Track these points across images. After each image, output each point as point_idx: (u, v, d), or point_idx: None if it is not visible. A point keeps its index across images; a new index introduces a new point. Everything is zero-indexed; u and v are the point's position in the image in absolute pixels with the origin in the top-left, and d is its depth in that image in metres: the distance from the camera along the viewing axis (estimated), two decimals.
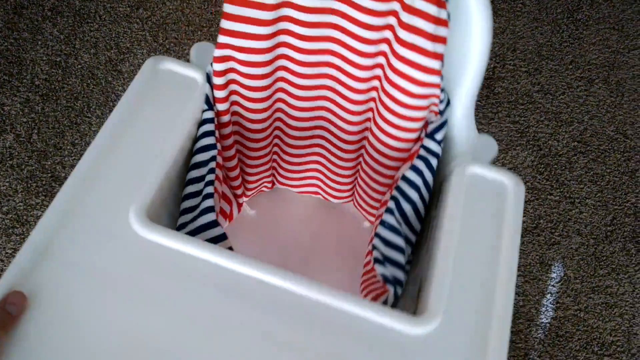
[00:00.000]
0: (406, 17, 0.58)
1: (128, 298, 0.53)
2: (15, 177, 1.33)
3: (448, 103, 0.64)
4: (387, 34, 0.62)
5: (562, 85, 1.44)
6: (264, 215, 0.91)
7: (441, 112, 0.63)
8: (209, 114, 0.66)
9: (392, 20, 0.60)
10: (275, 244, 0.88)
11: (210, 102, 0.66)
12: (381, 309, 0.53)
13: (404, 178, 0.64)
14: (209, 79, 0.66)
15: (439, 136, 0.64)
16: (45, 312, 0.52)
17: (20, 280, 0.52)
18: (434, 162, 0.64)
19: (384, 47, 0.63)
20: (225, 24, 0.62)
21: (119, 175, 0.59)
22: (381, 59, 0.64)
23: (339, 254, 0.89)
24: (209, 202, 0.61)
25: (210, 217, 0.60)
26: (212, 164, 0.64)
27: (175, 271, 0.54)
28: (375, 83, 0.67)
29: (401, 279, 0.62)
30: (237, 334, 0.52)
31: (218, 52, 0.64)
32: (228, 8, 0.61)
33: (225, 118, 0.69)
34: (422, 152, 0.64)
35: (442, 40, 0.58)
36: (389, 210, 0.63)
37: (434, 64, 0.59)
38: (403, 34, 0.59)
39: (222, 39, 0.63)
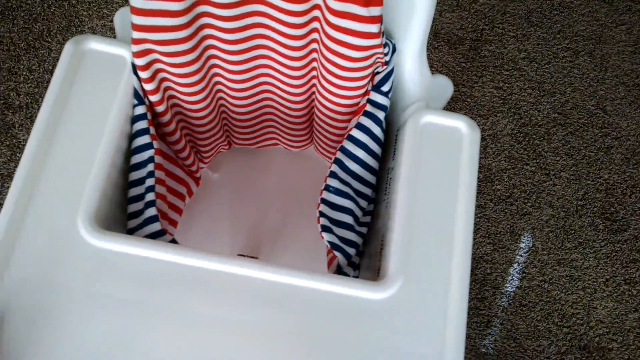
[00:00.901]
0: None
1: (93, 308, 0.52)
2: None
3: (394, 50, 0.62)
4: (318, 0, 0.58)
5: (549, 54, 1.42)
6: (229, 175, 0.87)
7: (387, 62, 0.61)
8: (140, 109, 0.61)
9: None
10: (248, 202, 0.84)
11: (139, 95, 0.62)
12: (341, 280, 0.54)
13: (349, 137, 0.63)
14: (135, 70, 0.61)
15: (385, 87, 0.62)
16: (13, 333, 0.51)
17: None
18: (381, 115, 0.63)
19: (317, 12, 0.59)
20: (136, 19, 0.57)
21: (60, 185, 0.56)
22: (315, 24, 0.61)
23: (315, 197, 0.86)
24: (151, 212, 0.59)
25: (155, 227, 0.59)
26: (150, 166, 0.61)
27: (134, 274, 0.53)
28: (314, 48, 0.64)
29: (353, 239, 0.63)
30: (207, 327, 0.52)
31: (136, 48, 0.58)
32: (135, 2, 0.55)
33: (161, 107, 0.65)
34: (368, 107, 0.63)
35: (377, 2, 0.55)
36: (332, 174, 0.63)
37: (371, 27, 0.56)
38: (333, 4, 0.55)
39: (136, 34, 0.57)
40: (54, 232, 0.54)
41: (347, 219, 0.62)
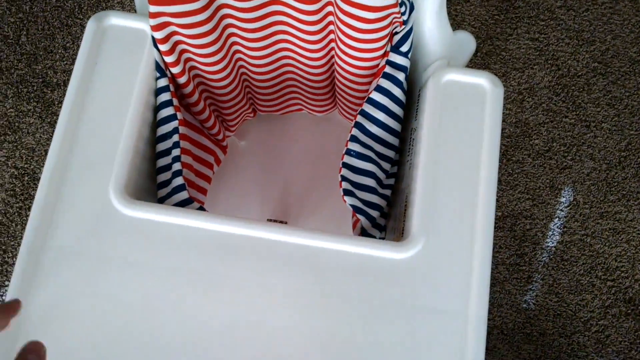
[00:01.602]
0: None
1: (128, 275, 0.54)
2: (4, 82, 1.26)
3: (412, 8, 0.60)
4: None
5: (587, 1, 1.36)
6: (256, 143, 0.88)
7: (405, 22, 0.59)
8: (163, 82, 0.62)
9: None
10: (276, 167, 0.85)
11: (161, 68, 0.62)
12: (364, 242, 0.55)
13: (369, 100, 0.63)
14: (155, 43, 0.61)
15: (404, 47, 0.61)
16: (52, 301, 0.53)
17: (27, 280, 0.54)
18: (401, 76, 0.62)
19: None
20: None
21: (90, 159, 0.58)
22: None
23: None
24: (178, 181, 0.60)
25: (182, 195, 0.60)
26: (176, 137, 0.62)
27: (166, 242, 0.55)
28: (330, 11, 0.63)
29: (376, 202, 0.63)
30: (238, 289, 0.54)
31: (153, 22, 0.59)
32: None
33: (183, 79, 0.65)
34: (387, 69, 0.62)
35: None
36: (352, 138, 0.62)
37: None
38: None
39: (153, 8, 0.58)
40: (88, 204, 0.56)
41: (370, 182, 0.62)
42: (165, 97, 0.62)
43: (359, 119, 0.63)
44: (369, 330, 0.53)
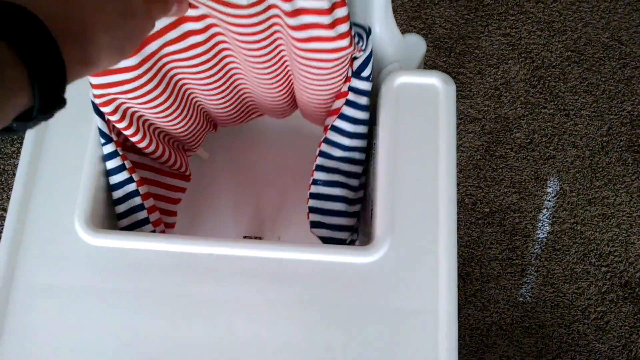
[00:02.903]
0: (292, 20, 0.52)
1: (99, 305, 0.55)
2: None
3: (369, 33, 0.60)
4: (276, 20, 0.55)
5: None
6: (223, 159, 0.88)
7: (364, 49, 0.59)
8: (110, 148, 0.61)
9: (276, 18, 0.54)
10: (246, 183, 0.85)
11: (105, 134, 0.60)
12: (332, 249, 0.56)
13: (333, 128, 0.62)
14: (97, 111, 0.60)
15: (366, 72, 0.60)
16: (21, 337, 0.54)
17: None
18: (364, 100, 0.62)
19: (275, 20, 0.55)
20: (93, 80, 0.57)
21: (54, 194, 0.59)
22: (277, 28, 0.56)
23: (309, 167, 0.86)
24: (141, 215, 0.62)
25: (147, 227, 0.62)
26: (138, 199, 0.62)
27: (137, 268, 0.56)
28: (282, 50, 0.60)
29: (345, 224, 0.64)
30: (214, 309, 0.55)
31: (99, 100, 0.58)
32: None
33: (137, 137, 0.63)
34: (350, 95, 0.61)
35: (342, 20, 0.52)
36: (318, 168, 0.62)
37: (341, 43, 0.54)
38: (296, 33, 0.53)
39: (94, 80, 0.57)
40: (54, 236, 0.57)
41: (339, 206, 0.63)
42: (115, 162, 0.61)
43: (323, 147, 0.63)
44: (345, 335, 0.54)
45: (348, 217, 0.64)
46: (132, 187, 0.62)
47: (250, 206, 0.80)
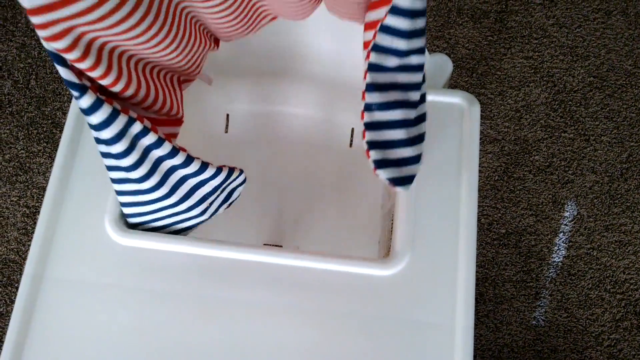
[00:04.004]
0: None
1: (123, 303, 0.56)
2: (15, 125, 1.31)
3: None
4: None
5: (579, 17, 1.38)
6: (248, 171, 0.87)
7: None
8: (88, 99, 0.47)
9: None
10: (269, 192, 0.86)
11: (75, 84, 0.47)
12: (352, 261, 0.57)
13: (384, 29, 0.48)
14: (58, 60, 0.46)
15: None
16: (48, 330, 0.55)
17: (27, 311, 0.56)
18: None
19: None
20: (36, 19, 0.42)
21: (85, 194, 0.61)
22: None
23: (330, 179, 0.86)
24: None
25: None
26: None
27: (162, 269, 0.57)
28: None
29: (414, 154, 0.54)
30: (234, 313, 0.56)
31: (46, 32, 0.43)
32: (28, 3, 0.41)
33: (112, 77, 0.49)
34: None
35: None
36: (369, 87, 0.51)
37: None
38: None
39: (43, 17, 0.42)
40: (85, 236, 0.59)
41: (401, 134, 0.52)
42: (102, 114, 0.48)
43: (373, 58, 0.50)
44: (361, 345, 0.54)
45: (414, 146, 0.53)
46: (137, 128, 0.50)
47: (272, 215, 0.81)
